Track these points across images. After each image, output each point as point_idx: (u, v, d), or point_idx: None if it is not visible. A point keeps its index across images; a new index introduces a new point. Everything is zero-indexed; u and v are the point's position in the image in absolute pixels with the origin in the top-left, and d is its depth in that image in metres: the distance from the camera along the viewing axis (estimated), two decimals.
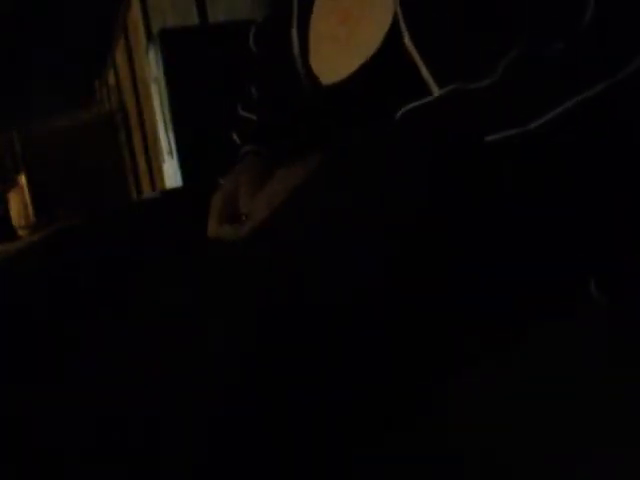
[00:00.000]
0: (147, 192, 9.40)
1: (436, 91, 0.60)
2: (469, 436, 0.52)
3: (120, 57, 9.77)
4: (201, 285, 0.50)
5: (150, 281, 0.64)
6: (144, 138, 8.69)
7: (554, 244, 0.56)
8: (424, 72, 0.61)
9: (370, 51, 0.66)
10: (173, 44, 3.35)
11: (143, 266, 0.67)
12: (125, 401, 0.43)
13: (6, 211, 10.59)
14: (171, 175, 3.63)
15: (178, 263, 0.66)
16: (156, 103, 3.67)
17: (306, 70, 0.74)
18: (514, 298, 0.55)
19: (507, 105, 0.57)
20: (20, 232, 10.05)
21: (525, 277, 0.56)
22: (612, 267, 0.57)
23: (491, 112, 0.57)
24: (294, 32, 0.76)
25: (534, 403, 0.53)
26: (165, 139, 3.60)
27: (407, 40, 0.62)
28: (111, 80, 11.07)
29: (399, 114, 0.61)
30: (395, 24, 0.63)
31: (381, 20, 0.65)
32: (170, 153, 3.51)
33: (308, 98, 0.74)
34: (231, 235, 0.67)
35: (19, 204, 10.33)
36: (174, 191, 1.08)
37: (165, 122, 3.51)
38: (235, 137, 0.84)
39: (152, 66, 3.58)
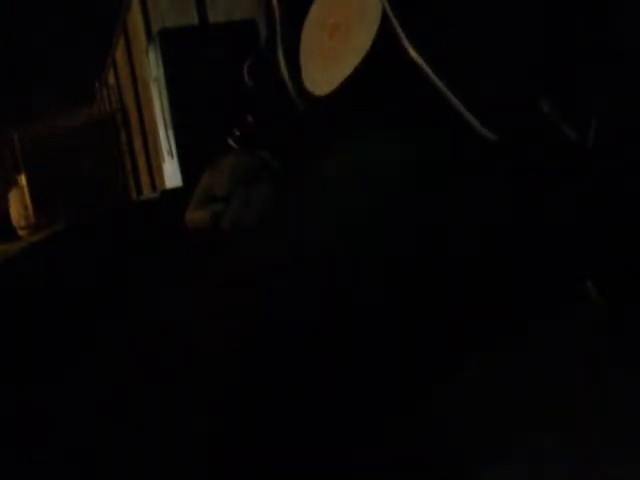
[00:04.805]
0: (147, 192, 9.40)
1: (441, 86, 0.58)
2: (468, 436, 0.52)
3: (120, 57, 9.77)
4: (201, 285, 0.50)
5: (150, 282, 0.64)
6: (144, 138, 8.70)
7: (552, 244, 0.56)
8: (428, 72, 0.59)
9: (361, 55, 0.65)
10: (173, 44, 3.35)
11: (143, 267, 0.68)
12: (125, 402, 0.43)
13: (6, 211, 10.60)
14: (171, 175, 3.63)
15: (177, 264, 0.66)
16: (156, 103, 3.68)
17: (297, 90, 0.74)
18: (513, 298, 0.56)
19: None
20: (20, 232, 10.06)
21: (524, 277, 0.56)
22: (609, 267, 0.57)
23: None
24: (280, 55, 0.76)
25: (534, 403, 0.54)
26: (165, 139, 3.60)
27: (402, 36, 0.60)
28: (111, 80, 11.08)
29: None
30: (385, 24, 0.63)
31: (370, 24, 0.65)
32: (170, 153, 3.51)
33: (302, 113, 0.74)
34: (201, 219, 0.69)
35: (19, 204, 10.34)
36: (174, 191, 1.08)
37: (165, 122, 3.52)
38: (231, 142, 0.84)
39: (152, 66, 3.58)
